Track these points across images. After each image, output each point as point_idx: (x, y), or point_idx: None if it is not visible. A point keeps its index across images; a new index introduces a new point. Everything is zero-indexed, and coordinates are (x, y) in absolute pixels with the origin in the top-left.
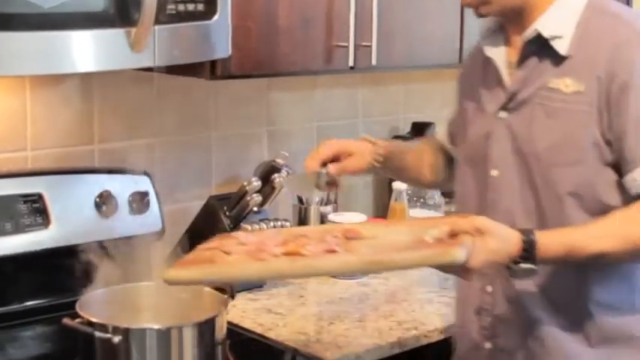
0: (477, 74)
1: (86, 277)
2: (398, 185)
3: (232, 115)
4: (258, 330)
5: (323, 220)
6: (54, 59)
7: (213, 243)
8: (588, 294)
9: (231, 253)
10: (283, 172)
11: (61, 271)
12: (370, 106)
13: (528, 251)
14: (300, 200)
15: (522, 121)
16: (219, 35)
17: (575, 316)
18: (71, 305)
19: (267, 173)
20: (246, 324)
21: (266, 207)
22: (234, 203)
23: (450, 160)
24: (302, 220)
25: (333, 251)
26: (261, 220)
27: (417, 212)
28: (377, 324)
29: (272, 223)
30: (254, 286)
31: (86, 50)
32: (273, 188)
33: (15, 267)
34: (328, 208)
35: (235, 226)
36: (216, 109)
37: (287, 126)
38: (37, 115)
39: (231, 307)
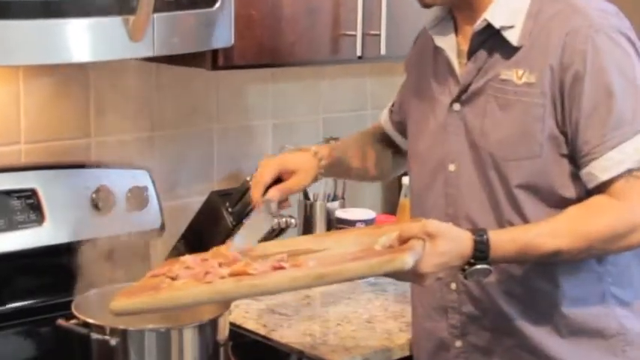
0: (427, 63)
1: (82, 276)
2: (408, 181)
3: (235, 107)
4: (262, 331)
5: (330, 216)
6: (48, 48)
7: (161, 269)
8: (556, 287)
9: (178, 278)
10: None
11: (56, 269)
12: (379, 98)
13: (481, 251)
14: (306, 196)
15: (476, 114)
16: (221, 24)
17: (544, 309)
18: (66, 305)
19: None
20: (250, 325)
21: None
22: (237, 199)
23: (395, 149)
24: (308, 216)
25: (280, 268)
26: None
27: None
28: (386, 325)
29: (276, 220)
30: None
31: (82, 39)
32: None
33: (7, 265)
34: (335, 204)
35: (238, 222)
36: (218, 101)
37: (292, 118)
38: (31, 107)
39: (234, 308)
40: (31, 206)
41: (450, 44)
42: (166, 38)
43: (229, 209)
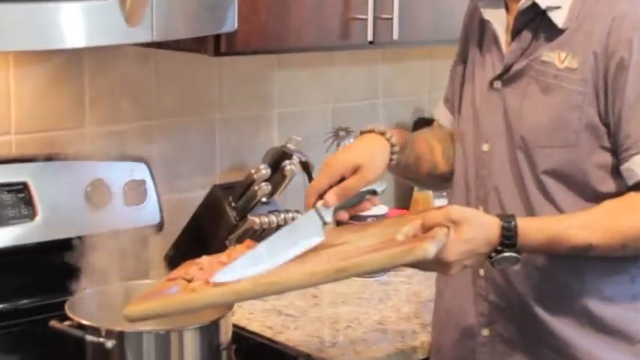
0: (474, 37)
1: (76, 274)
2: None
3: (239, 96)
4: (267, 333)
5: None
6: (40, 33)
7: (178, 272)
8: (584, 284)
9: (194, 280)
10: (295, 159)
11: (49, 268)
12: (392, 86)
13: (509, 238)
14: None
15: (516, 95)
16: (224, 7)
17: (570, 306)
18: (60, 306)
19: (277, 160)
20: (254, 327)
21: (276, 197)
22: (241, 193)
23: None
24: None
25: None
26: (270, 212)
27: (442, 202)
28: (399, 327)
29: (282, 215)
30: None
31: (76, 24)
32: (284, 176)
33: None
34: None
35: (242, 218)
36: (220, 89)
37: (299, 107)
38: (22, 96)
39: (237, 309)
40: (22, 201)
41: (499, 18)
42: (166, 22)
43: (233, 204)
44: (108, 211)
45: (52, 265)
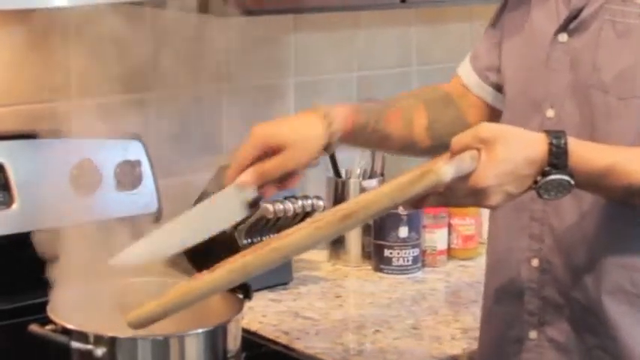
0: None
1: (60, 271)
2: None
3: (249, 63)
4: (283, 340)
5: None
6: None
7: None
8: None
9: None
10: None
11: (28, 263)
12: (427, 51)
13: (558, 156)
14: (337, 172)
15: (587, 45)
16: None
17: None
18: (41, 307)
19: None
20: (267, 332)
21: None
22: None
23: (458, 114)
24: (339, 197)
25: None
26: (286, 198)
27: None
28: (436, 332)
29: (300, 202)
30: (277, 283)
31: None
32: None
33: None
34: (373, 182)
35: (253, 206)
36: (228, 55)
37: (319, 76)
38: None
39: (248, 311)
40: None
41: None
42: None
43: None
44: (97, 197)
45: (32, 261)
